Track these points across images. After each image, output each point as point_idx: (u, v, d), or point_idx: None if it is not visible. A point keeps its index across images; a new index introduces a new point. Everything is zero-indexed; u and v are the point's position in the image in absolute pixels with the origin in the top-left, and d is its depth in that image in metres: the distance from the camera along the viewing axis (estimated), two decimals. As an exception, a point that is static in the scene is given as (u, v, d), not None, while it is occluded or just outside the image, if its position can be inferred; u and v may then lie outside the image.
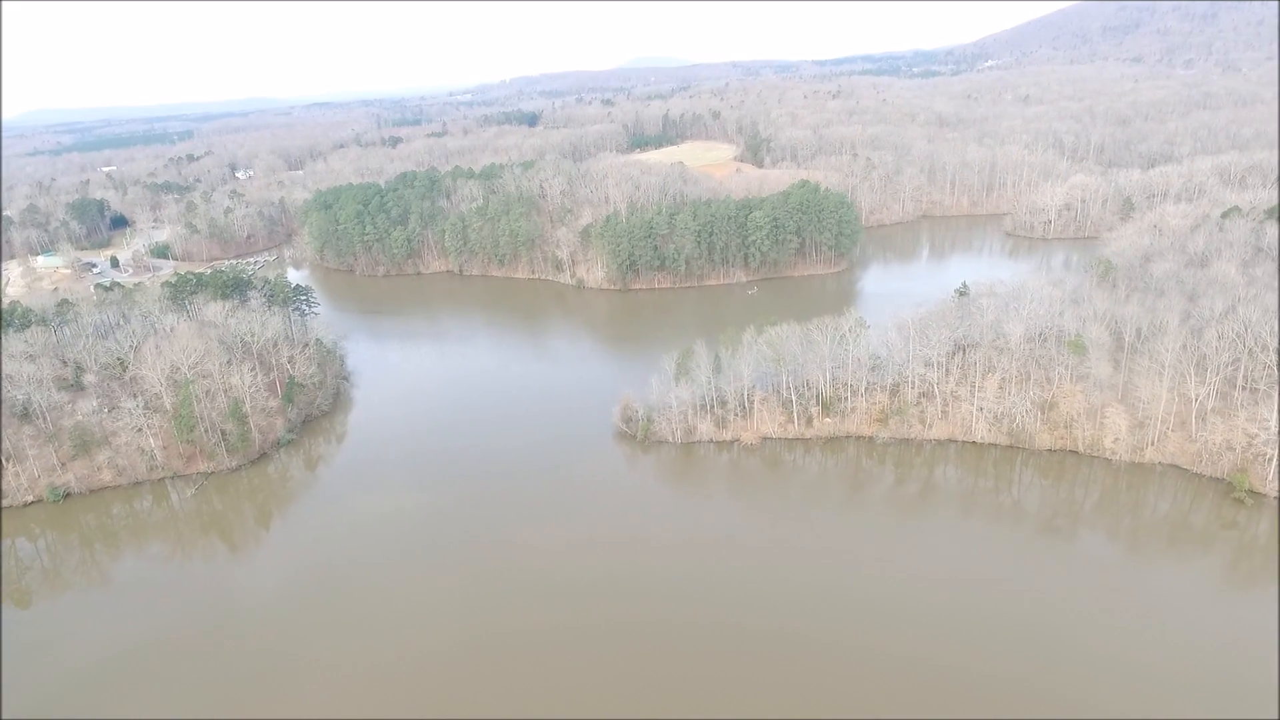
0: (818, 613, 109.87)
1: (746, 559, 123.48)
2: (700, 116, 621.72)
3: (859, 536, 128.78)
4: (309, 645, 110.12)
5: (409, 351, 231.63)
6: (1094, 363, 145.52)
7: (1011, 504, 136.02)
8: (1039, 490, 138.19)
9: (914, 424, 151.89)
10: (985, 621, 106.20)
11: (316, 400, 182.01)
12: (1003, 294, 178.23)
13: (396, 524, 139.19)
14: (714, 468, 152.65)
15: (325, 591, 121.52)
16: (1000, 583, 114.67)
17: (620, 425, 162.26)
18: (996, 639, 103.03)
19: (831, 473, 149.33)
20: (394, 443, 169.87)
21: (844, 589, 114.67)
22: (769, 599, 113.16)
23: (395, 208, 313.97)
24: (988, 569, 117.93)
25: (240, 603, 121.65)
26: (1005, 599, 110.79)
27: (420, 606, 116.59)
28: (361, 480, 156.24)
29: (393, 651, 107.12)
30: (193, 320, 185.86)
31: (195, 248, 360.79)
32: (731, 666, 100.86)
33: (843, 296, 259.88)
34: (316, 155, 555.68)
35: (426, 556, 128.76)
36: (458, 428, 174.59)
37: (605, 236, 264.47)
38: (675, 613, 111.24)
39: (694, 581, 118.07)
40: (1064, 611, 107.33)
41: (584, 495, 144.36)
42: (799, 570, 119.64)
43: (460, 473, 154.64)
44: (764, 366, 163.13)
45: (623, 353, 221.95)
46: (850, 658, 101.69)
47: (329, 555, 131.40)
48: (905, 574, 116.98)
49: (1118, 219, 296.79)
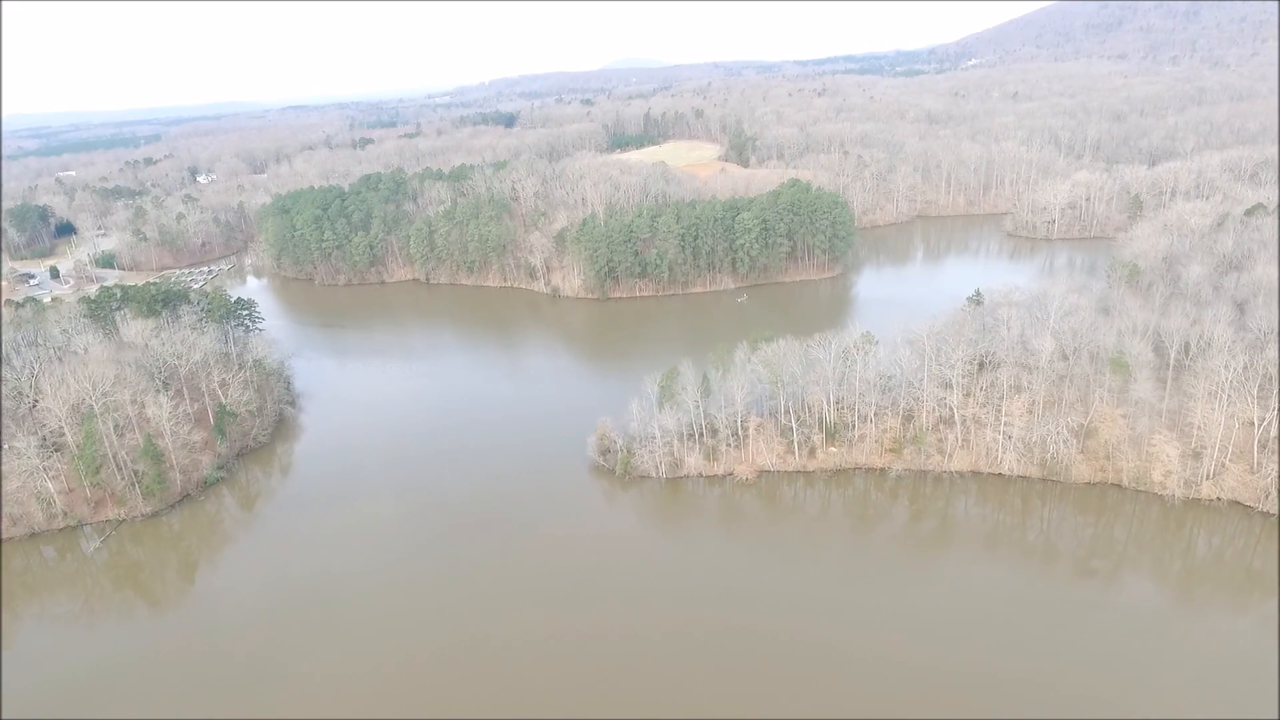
0: (825, 676, 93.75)
1: (743, 616, 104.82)
2: (683, 115, 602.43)
3: (870, 586, 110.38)
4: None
5: (365, 370, 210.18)
6: (1137, 383, 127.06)
7: (1044, 545, 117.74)
8: (1076, 530, 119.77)
9: (931, 454, 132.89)
10: (1012, 681, 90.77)
11: (253, 430, 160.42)
12: (1022, 302, 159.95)
13: (329, 589, 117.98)
14: (704, 507, 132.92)
15: (240, 679, 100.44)
16: (1032, 637, 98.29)
17: (596, 459, 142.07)
18: (1025, 701, 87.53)
19: (839, 512, 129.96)
20: (337, 481, 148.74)
21: (855, 647, 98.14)
22: (769, 665, 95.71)
23: (357, 212, 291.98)
24: (1017, 621, 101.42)
25: (130, 673, 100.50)
26: (1036, 655, 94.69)
27: (352, 697, 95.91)
28: (295, 527, 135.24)
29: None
30: (111, 341, 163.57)
31: (144, 256, 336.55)
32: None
33: (839, 304, 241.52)
34: (282, 158, 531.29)
35: (359, 634, 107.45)
36: (411, 462, 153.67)
37: (581, 241, 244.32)
38: (661, 682, 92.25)
39: (682, 642, 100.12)
40: (1103, 669, 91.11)
41: (555, 544, 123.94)
42: (803, 626, 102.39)
43: (412, 520, 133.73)
44: (760, 388, 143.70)
45: (601, 370, 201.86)
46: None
47: (244, 630, 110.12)
48: (924, 628, 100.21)
49: (1126, 218, 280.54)
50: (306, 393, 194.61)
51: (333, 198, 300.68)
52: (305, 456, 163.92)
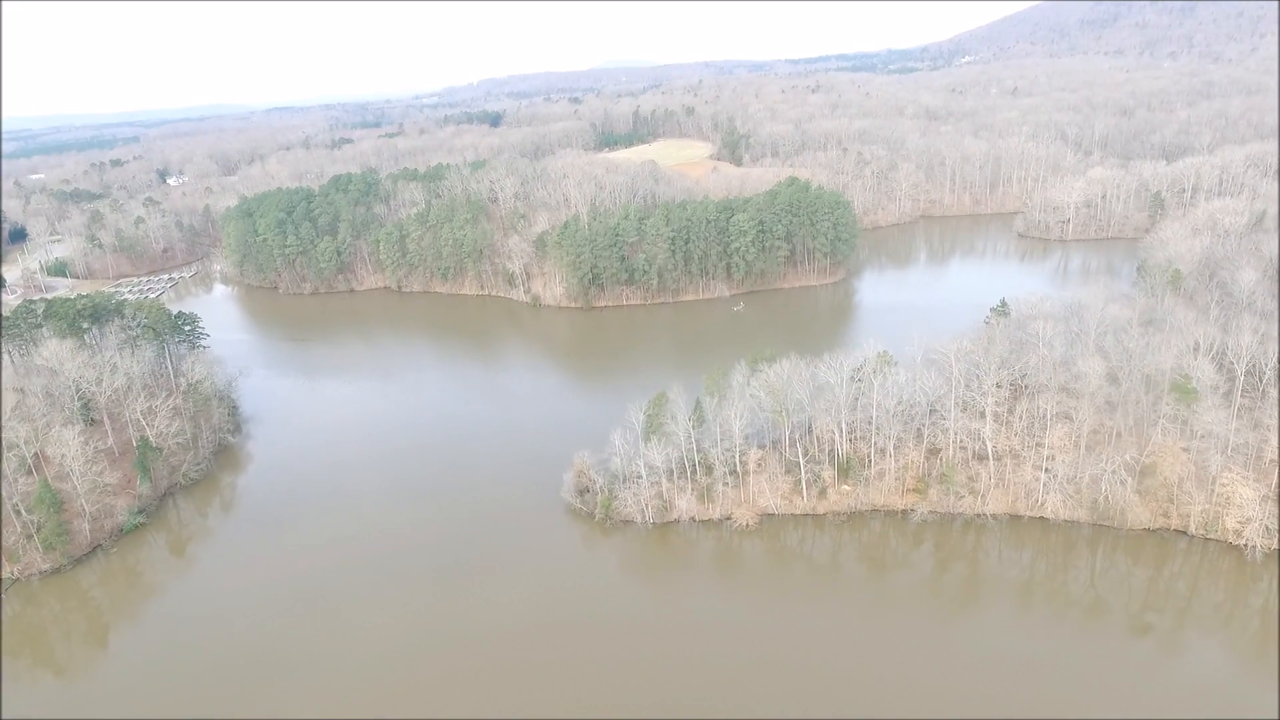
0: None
1: (744, 690, 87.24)
2: (673, 113, 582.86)
3: (893, 651, 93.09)
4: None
5: (323, 389, 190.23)
6: (1202, 411, 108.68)
7: (1094, 601, 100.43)
8: (1132, 584, 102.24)
9: (962, 494, 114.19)
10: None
11: (183, 466, 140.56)
12: (1055, 314, 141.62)
13: (262, 651, 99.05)
14: (698, 559, 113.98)
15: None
16: (1078, 707, 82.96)
17: (572, 500, 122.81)
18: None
19: (854, 562, 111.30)
20: (277, 522, 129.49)
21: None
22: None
23: (324, 215, 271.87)
24: (1061, 688, 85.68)
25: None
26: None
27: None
28: (224, 579, 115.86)
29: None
30: (23, 364, 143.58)
31: (100, 264, 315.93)
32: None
33: (844, 312, 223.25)
34: (256, 159, 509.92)
35: (294, 708, 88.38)
36: (364, 497, 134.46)
37: (563, 245, 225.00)
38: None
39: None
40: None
41: (518, 602, 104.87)
42: (815, 699, 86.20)
43: (356, 570, 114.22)
44: (761, 415, 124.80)
45: (582, 389, 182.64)
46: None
47: (164, 700, 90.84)
48: (954, 699, 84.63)
49: (1146, 217, 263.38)
50: (257, 416, 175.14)
51: (299, 200, 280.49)
52: (245, 492, 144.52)
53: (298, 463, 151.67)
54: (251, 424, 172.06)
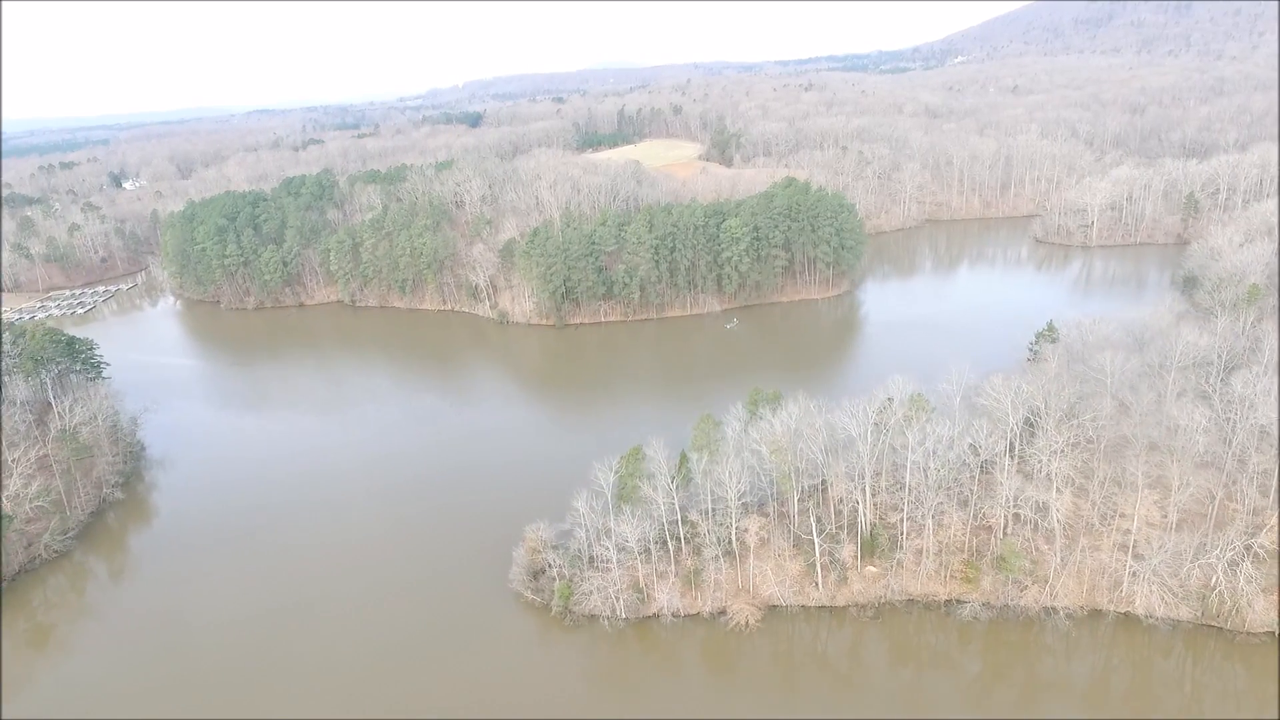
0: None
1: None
2: (660, 112, 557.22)
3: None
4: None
5: (253, 426, 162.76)
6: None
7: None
8: (1243, 703, 76.42)
9: (1025, 583, 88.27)
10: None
11: (43, 537, 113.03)
12: (1116, 337, 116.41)
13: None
14: (684, 669, 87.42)
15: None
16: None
17: (523, 589, 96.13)
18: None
19: (886, 674, 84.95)
20: (157, 609, 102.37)
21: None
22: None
23: (269, 221, 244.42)
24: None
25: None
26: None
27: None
28: (82, 691, 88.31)
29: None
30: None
31: (29, 276, 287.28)
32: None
33: (850, 330, 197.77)
34: (217, 161, 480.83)
35: None
36: (278, 573, 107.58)
37: (532, 255, 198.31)
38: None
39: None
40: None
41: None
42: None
43: (254, 671, 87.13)
44: (763, 471, 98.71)
45: (551, 425, 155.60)
46: None
47: None
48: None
49: (1178, 220, 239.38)
50: (168, 459, 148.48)
51: (243, 205, 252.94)
52: (127, 568, 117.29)
53: (199, 521, 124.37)
54: (159, 470, 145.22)
